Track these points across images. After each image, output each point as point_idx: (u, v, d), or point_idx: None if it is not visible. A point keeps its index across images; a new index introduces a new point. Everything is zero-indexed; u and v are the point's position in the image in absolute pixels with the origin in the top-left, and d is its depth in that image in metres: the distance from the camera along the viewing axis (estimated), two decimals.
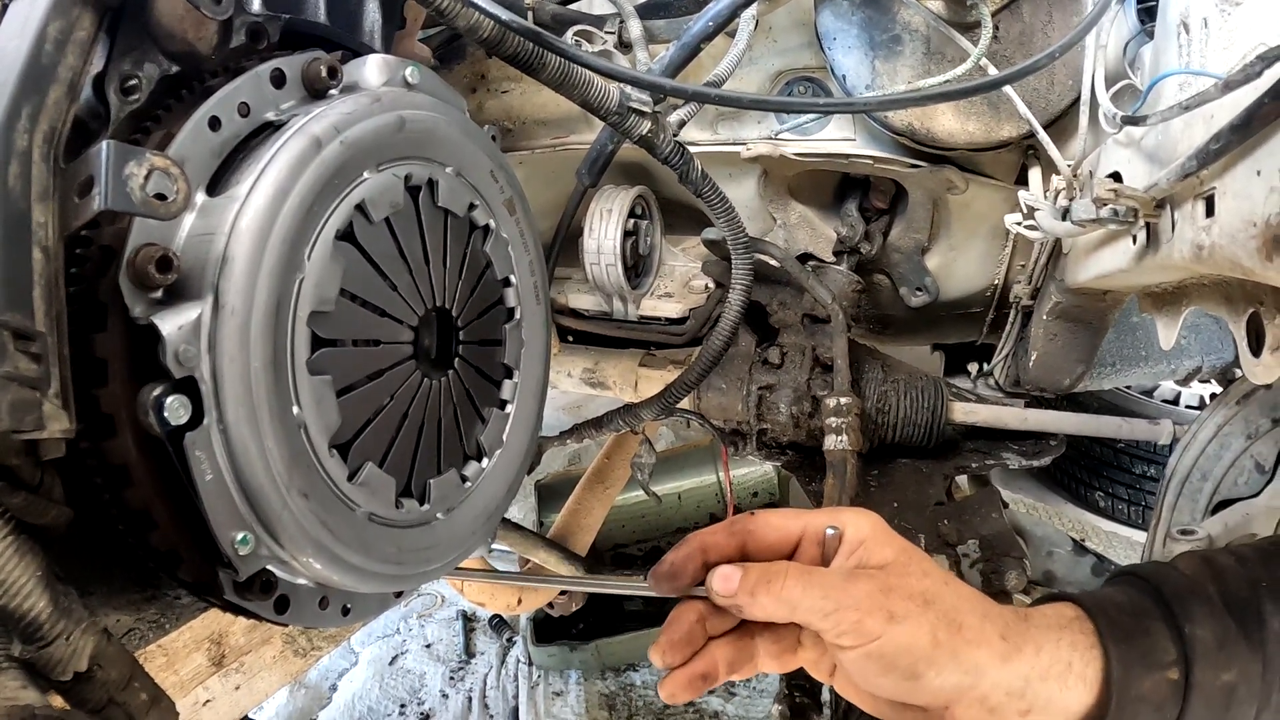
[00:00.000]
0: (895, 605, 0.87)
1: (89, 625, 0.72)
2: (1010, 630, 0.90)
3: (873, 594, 0.88)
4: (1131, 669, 0.90)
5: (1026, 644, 0.90)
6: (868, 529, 0.94)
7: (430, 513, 0.98)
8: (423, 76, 0.98)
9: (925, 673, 0.87)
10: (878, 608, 0.87)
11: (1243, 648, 0.91)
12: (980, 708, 0.89)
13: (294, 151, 0.80)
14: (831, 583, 0.89)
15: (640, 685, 3.34)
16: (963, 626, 0.89)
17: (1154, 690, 0.90)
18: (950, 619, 0.89)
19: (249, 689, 1.70)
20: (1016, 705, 0.90)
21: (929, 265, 1.97)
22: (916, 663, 0.87)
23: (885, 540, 0.94)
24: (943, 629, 0.88)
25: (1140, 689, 0.90)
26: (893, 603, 0.88)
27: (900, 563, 0.92)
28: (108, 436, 0.75)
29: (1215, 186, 0.94)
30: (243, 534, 0.78)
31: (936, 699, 0.89)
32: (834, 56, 1.60)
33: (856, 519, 0.95)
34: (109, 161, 0.68)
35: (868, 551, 0.93)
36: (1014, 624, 0.91)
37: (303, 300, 0.81)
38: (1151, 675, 0.90)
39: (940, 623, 0.88)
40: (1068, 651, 0.91)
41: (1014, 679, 0.89)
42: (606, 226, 1.82)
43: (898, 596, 0.88)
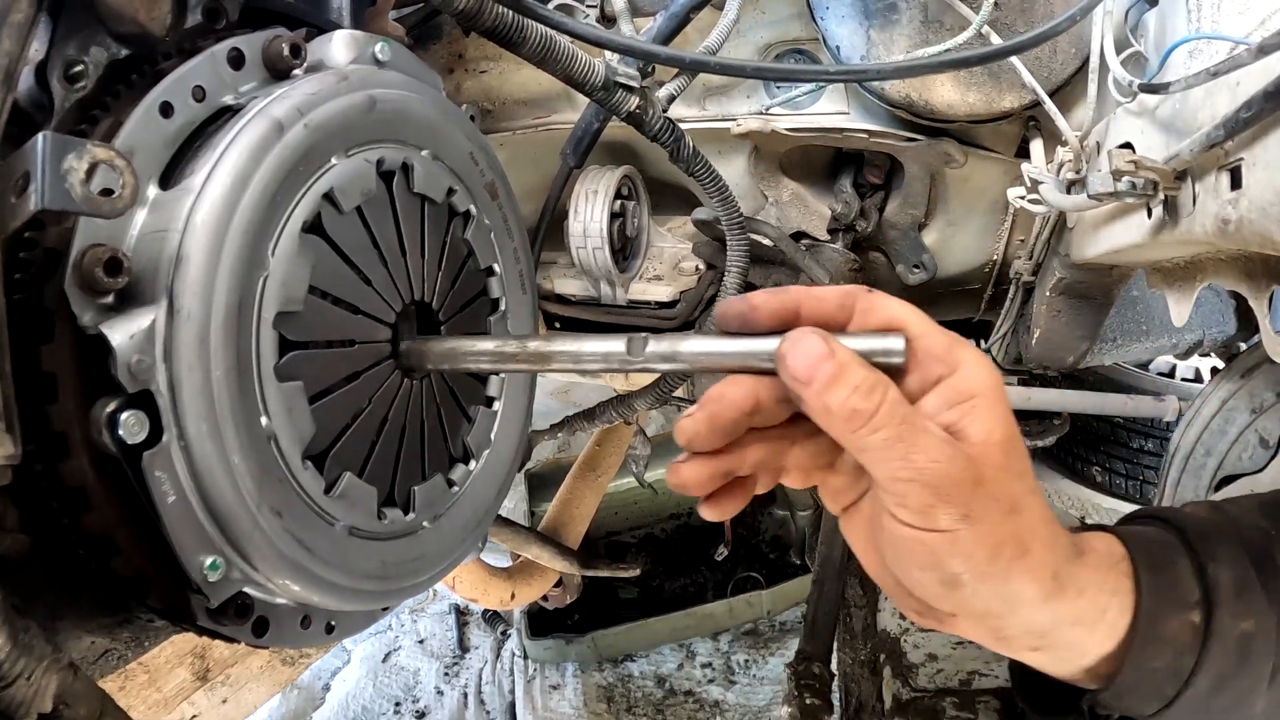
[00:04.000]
0: (977, 504, 0.74)
1: (52, 662, 0.68)
2: (1064, 568, 0.79)
3: (961, 484, 0.73)
4: (1160, 604, 0.82)
5: (1071, 586, 0.80)
6: (982, 385, 0.76)
7: (416, 522, 0.92)
8: (394, 53, 0.92)
9: (967, 585, 0.76)
10: (960, 500, 0.74)
11: (1259, 595, 0.84)
12: (990, 633, 0.81)
13: (253, 137, 0.74)
14: (924, 446, 0.73)
15: (638, 676, 3.31)
16: (1028, 552, 0.77)
17: (1177, 633, 0.82)
18: (1021, 540, 0.76)
19: (236, 702, 1.65)
20: (1030, 642, 0.82)
21: (926, 241, 1.93)
22: (965, 574, 0.76)
23: (997, 411, 0.76)
24: (1010, 547, 0.76)
25: (1165, 629, 0.82)
26: (977, 500, 0.74)
27: (1003, 451, 0.76)
28: (61, 457, 0.69)
29: (1243, 157, 0.89)
30: (212, 559, 0.72)
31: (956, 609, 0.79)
32: (827, 26, 1.55)
33: (976, 367, 0.77)
34: (45, 155, 0.62)
35: (975, 416, 0.76)
36: (1070, 560, 0.80)
37: (267, 300, 0.75)
38: (1178, 615, 0.82)
39: (1010, 540, 0.76)
40: (1108, 597, 0.81)
41: (1044, 620, 0.80)
42: (592, 209, 1.77)
43: (985, 495, 0.74)
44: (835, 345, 0.74)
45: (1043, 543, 0.77)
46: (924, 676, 1.55)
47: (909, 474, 0.73)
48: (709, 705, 3.19)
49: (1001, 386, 0.77)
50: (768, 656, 3.31)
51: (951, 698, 1.52)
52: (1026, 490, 0.77)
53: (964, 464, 0.73)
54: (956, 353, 0.76)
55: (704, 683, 3.27)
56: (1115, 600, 0.81)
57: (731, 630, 3.42)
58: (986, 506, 0.74)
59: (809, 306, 0.79)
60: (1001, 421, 0.76)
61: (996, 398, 0.76)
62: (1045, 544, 0.78)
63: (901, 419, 0.73)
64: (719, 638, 3.41)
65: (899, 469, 0.73)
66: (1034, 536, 0.77)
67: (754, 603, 3.36)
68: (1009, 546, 0.75)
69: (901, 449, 0.73)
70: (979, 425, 0.75)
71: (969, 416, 0.75)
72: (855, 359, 0.74)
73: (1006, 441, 0.75)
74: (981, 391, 0.75)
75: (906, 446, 0.73)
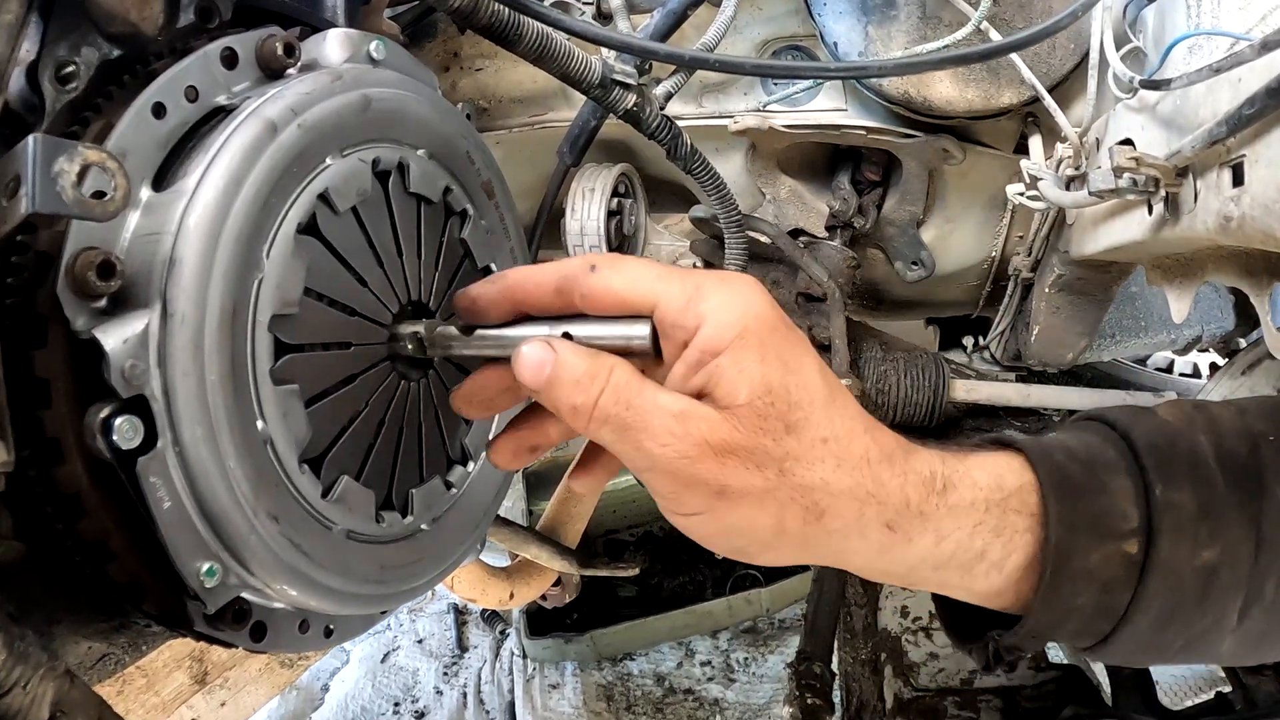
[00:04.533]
0: (731, 476, 0.67)
1: (48, 670, 0.67)
2: (905, 515, 0.71)
3: (702, 461, 0.66)
4: (1077, 537, 0.73)
5: (924, 534, 0.72)
6: (724, 339, 0.68)
7: (414, 525, 0.91)
8: (389, 51, 0.91)
9: (758, 556, 0.71)
10: (706, 478, 0.67)
11: (1233, 519, 0.74)
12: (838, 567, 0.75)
13: (247, 137, 0.73)
14: (652, 432, 0.67)
15: (638, 675, 3.30)
16: (826, 513, 0.69)
17: (1102, 566, 0.73)
18: (810, 500, 0.68)
19: (235, 704, 1.64)
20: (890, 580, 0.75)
21: (925, 238, 1.92)
22: (747, 546, 0.71)
23: (745, 365, 0.67)
24: (794, 513, 0.68)
25: (1084, 563, 0.73)
26: (728, 472, 0.67)
27: (755, 411, 0.67)
28: (55, 463, 0.68)
29: (1245, 154, 0.88)
30: (208, 564, 0.71)
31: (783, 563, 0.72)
32: (824, 23, 1.54)
33: (716, 321, 0.68)
34: (36, 157, 0.61)
35: (720, 376, 0.67)
36: (916, 503, 0.72)
37: (263, 303, 0.74)
38: (1102, 546, 0.73)
39: (792, 505, 0.68)
40: (985, 539, 0.73)
41: (894, 566, 0.73)
42: (589, 206, 1.76)
43: (737, 463, 0.67)
44: (557, 344, 0.71)
45: (847, 496, 0.70)
46: (925, 675, 1.55)
47: (646, 463, 0.69)
48: (709, 703, 3.18)
49: (755, 330, 0.68)
50: (767, 654, 3.31)
51: (953, 697, 1.52)
52: (809, 441, 0.69)
53: (700, 439, 0.67)
54: (696, 309, 0.69)
55: (703, 681, 3.27)
56: (999, 541, 0.74)
57: (731, 628, 3.41)
58: (744, 477, 0.67)
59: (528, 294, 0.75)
60: (749, 377, 0.67)
61: (744, 347, 0.68)
62: (851, 495, 0.70)
63: (626, 405, 0.68)
64: (718, 636, 3.40)
65: (635, 458, 0.69)
66: (827, 492, 0.69)
67: (753, 600, 3.35)
68: (792, 512, 0.69)
69: (631, 438, 0.68)
70: (724, 387, 0.68)
71: (714, 377, 0.68)
72: (576, 355, 0.70)
73: (759, 398, 0.67)
74: (725, 346, 0.68)
75: (635, 435, 0.68)
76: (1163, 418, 0.80)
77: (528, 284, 0.75)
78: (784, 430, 0.68)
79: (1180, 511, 0.74)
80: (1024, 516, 0.75)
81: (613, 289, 0.71)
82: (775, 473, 0.68)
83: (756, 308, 0.69)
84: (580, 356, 0.70)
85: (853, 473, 0.70)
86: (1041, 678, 1.55)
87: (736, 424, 0.67)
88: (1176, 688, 2.78)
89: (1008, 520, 0.74)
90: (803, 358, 0.71)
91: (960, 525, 0.73)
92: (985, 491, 0.75)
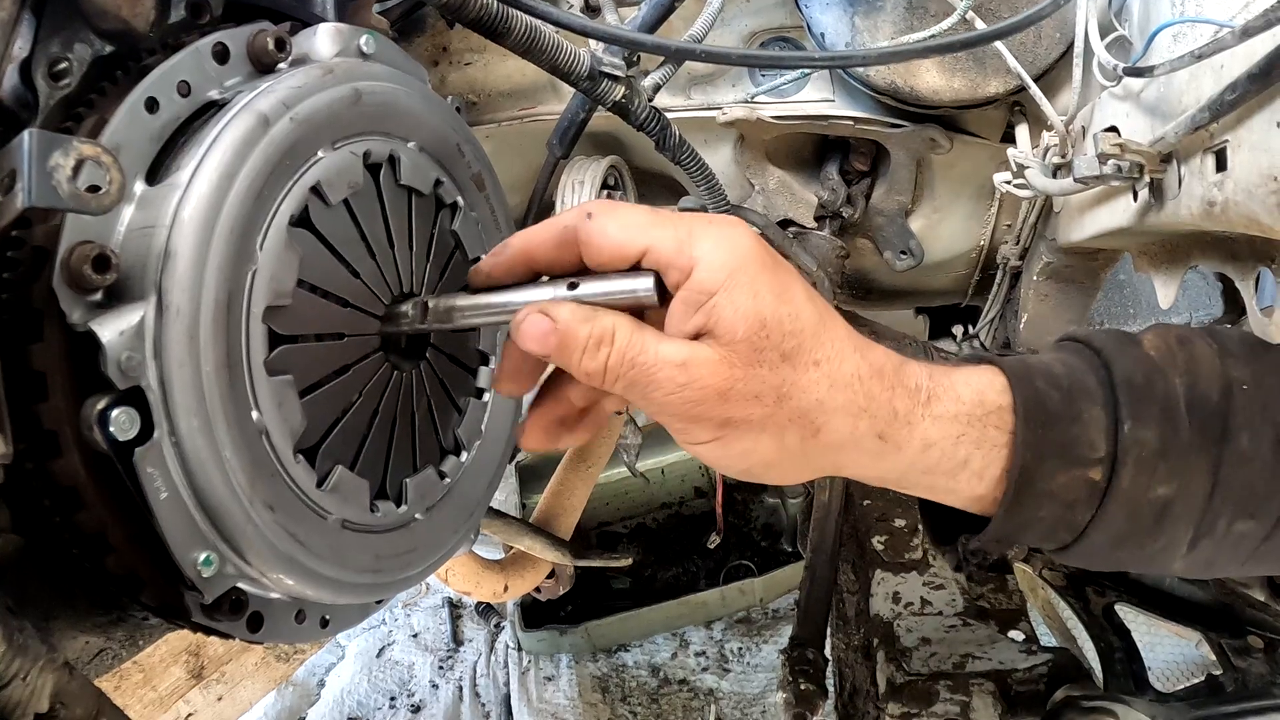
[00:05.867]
0: (733, 409, 0.72)
1: (47, 662, 0.67)
2: (894, 425, 0.76)
3: (705, 401, 0.72)
4: (1044, 462, 0.77)
5: (911, 442, 0.77)
6: (717, 280, 0.72)
7: (408, 514, 0.92)
8: (379, 45, 0.92)
9: (764, 475, 0.77)
10: (711, 414, 0.73)
11: (1192, 461, 0.78)
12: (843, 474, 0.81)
13: (239, 131, 0.73)
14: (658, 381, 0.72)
15: (633, 666, 3.31)
16: (822, 430, 0.74)
17: (1066, 488, 0.78)
18: (807, 420, 0.74)
19: (232, 699, 1.65)
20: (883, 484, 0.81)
21: (913, 227, 1.93)
22: (753, 468, 0.76)
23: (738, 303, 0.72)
24: (793, 433, 0.74)
25: (1050, 484, 0.78)
26: (730, 406, 0.72)
27: (751, 345, 0.72)
28: (53, 456, 0.69)
29: (1228, 139, 0.89)
30: (205, 554, 0.72)
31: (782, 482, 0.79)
32: (811, 14, 1.55)
33: (709, 262, 0.73)
34: (32, 153, 0.61)
35: (716, 315, 0.72)
36: (904, 414, 0.77)
37: (256, 295, 0.74)
38: (1069, 471, 0.78)
39: (791, 427, 0.74)
40: (967, 449, 0.78)
41: (884, 472, 0.79)
42: (579, 198, 1.76)
43: (739, 397, 0.72)
44: (556, 314, 0.75)
45: (841, 411, 0.75)
46: (918, 660, 1.56)
47: (656, 409, 0.74)
48: (703, 693, 3.19)
49: (746, 268, 0.73)
50: (761, 644, 3.32)
51: (946, 680, 1.53)
52: (804, 365, 0.74)
53: (702, 384, 0.72)
54: (688, 252, 0.73)
55: (698, 671, 3.28)
56: (979, 453, 0.79)
57: (724, 618, 3.42)
58: (745, 408, 0.73)
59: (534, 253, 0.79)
60: (744, 313, 0.72)
61: (736, 285, 0.72)
62: (845, 410, 0.75)
63: (631, 363, 0.73)
64: (712, 626, 3.41)
65: (646, 406, 0.75)
66: (823, 410, 0.74)
67: (746, 590, 3.36)
68: (791, 431, 0.74)
69: (639, 390, 0.74)
70: (722, 324, 0.72)
71: (712, 317, 0.72)
72: (575, 319, 0.74)
73: (754, 332, 0.72)
74: (719, 286, 0.72)
75: (643, 387, 0.73)
76: (1145, 350, 0.83)
77: (532, 243, 0.79)
78: (779, 359, 0.73)
79: (1143, 448, 0.78)
80: (1003, 433, 0.79)
81: (609, 234, 0.75)
82: (774, 400, 0.73)
83: (746, 246, 0.74)
84: (579, 319, 0.74)
85: (844, 390, 0.75)
86: (1033, 661, 1.56)
87: (735, 360, 0.72)
88: (1168, 670, 2.80)
89: (988, 435, 0.79)
90: (791, 287, 0.75)
91: (945, 434, 0.78)
92: (968, 406, 0.79)
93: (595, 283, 0.77)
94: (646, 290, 0.75)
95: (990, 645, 1.62)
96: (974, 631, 1.65)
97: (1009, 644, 1.64)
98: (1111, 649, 1.67)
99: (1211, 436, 0.79)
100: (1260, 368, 0.82)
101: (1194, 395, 0.80)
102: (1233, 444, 0.78)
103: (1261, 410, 0.79)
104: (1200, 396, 0.80)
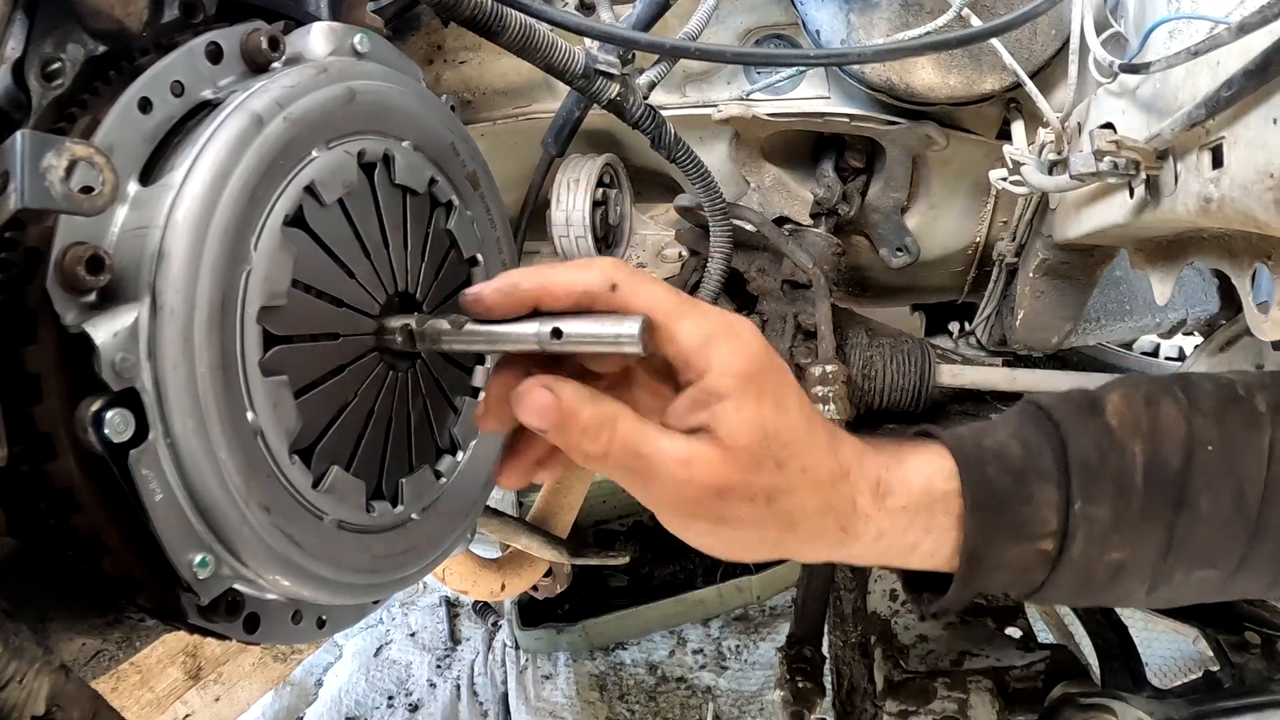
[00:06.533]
0: (728, 508, 0.76)
1: (44, 664, 0.67)
2: (854, 519, 0.81)
3: (703, 500, 0.75)
4: (994, 541, 0.83)
5: (866, 533, 0.82)
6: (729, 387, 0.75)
7: (404, 514, 0.92)
8: (373, 44, 0.91)
9: (738, 556, 0.83)
10: (706, 513, 0.76)
11: (1144, 529, 0.83)
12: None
13: (233, 131, 0.73)
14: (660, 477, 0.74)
15: (630, 664, 3.31)
16: (798, 524, 0.79)
17: (1018, 558, 0.84)
18: (788, 519, 0.78)
19: (229, 699, 1.64)
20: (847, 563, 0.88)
21: (909, 224, 1.93)
22: (733, 551, 0.81)
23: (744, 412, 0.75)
24: (774, 529, 0.79)
25: (1001, 557, 0.83)
26: (726, 506, 0.76)
27: (750, 453, 0.75)
28: (48, 458, 0.69)
29: (1224, 136, 0.89)
30: (201, 556, 0.72)
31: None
32: (806, 11, 1.54)
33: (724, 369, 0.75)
34: (25, 154, 0.61)
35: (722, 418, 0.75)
36: (862, 508, 0.81)
37: (251, 295, 0.74)
38: (1019, 545, 0.83)
39: (774, 524, 0.78)
40: (916, 536, 0.84)
41: (845, 557, 0.84)
42: (574, 197, 1.76)
43: (735, 498, 0.75)
44: (562, 391, 0.75)
45: (815, 512, 0.79)
46: (915, 658, 1.56)
47: (651, 499, 0.77)
48: (701, 691, 3.19)
49: (756, 378, 0.76)
50: (758, 642, 3.32)
51: (943, 678, 1.53)
52: (793, 473, 0.77)
53: (702, 484, 0.74)
54: (707, 355, 0.75)
55: (695, 669, 3.28)
56: (929, 538, 0.84)
57: (722, 616, 3.43)
58: (737, 508, 0.76)
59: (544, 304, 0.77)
60: (749, 423, 0.75)
61: (747, 394, 0.75)
62: (818, 511, 0.79)
63: (633, 453, 0.75)
64: (709, 624, 3.41)
65: (642, 495, 0.77)
66: (802, 511, 0.79)
67: (743, 588, 3.36)
68: (773, 528, 0.79)
69: (638, 480, 0.76)
70: (726, 428, 0.74)
71: (717, 418, 0.75)
72: (579, 402, 0.74)
73: (756, 442, 0.75)
74: (729, 393, 0.75)
75: (643, 478, 0.76)
76: (1106, 420, 0.87)
77: (545, 296, 0.77)
78: (775, 466, 0.76)
79: (1094, 524, 0.83)
80: (950, 517, 0.84)
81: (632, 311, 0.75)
82: (764, 502, 0.77)
83: (757, 356, 0.77)
84: (583, 402, 0.75)
85: (820, 493, 0.79)
86: (1031, 658, 1.56)
87: (735, 463, 0.75)
88: (1165, 667, 2.80)
89: (935, 520, 0.84)
90: (789, 397, 0.79)
91: (895, 524, 0.83)
92: (917, 496, 0.84)
93: (580, 323, 0.75)
94: (631, 337, 0.72)
95: (988, 642, 1.62)
96: (971, 629, 1.65)
97: (1006, 641, 1.64)
98: (1109, 646, 1.67)
99: (1168, 503, 0.83)
100: (1228, 424, 0.86)
101: (1154, 463, 0.84)
102: (1189, 509, 0.83)
103: (1225, 469, 0.84)
104: (1160, 464, 0.84)
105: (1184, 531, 0.83)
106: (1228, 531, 0.84)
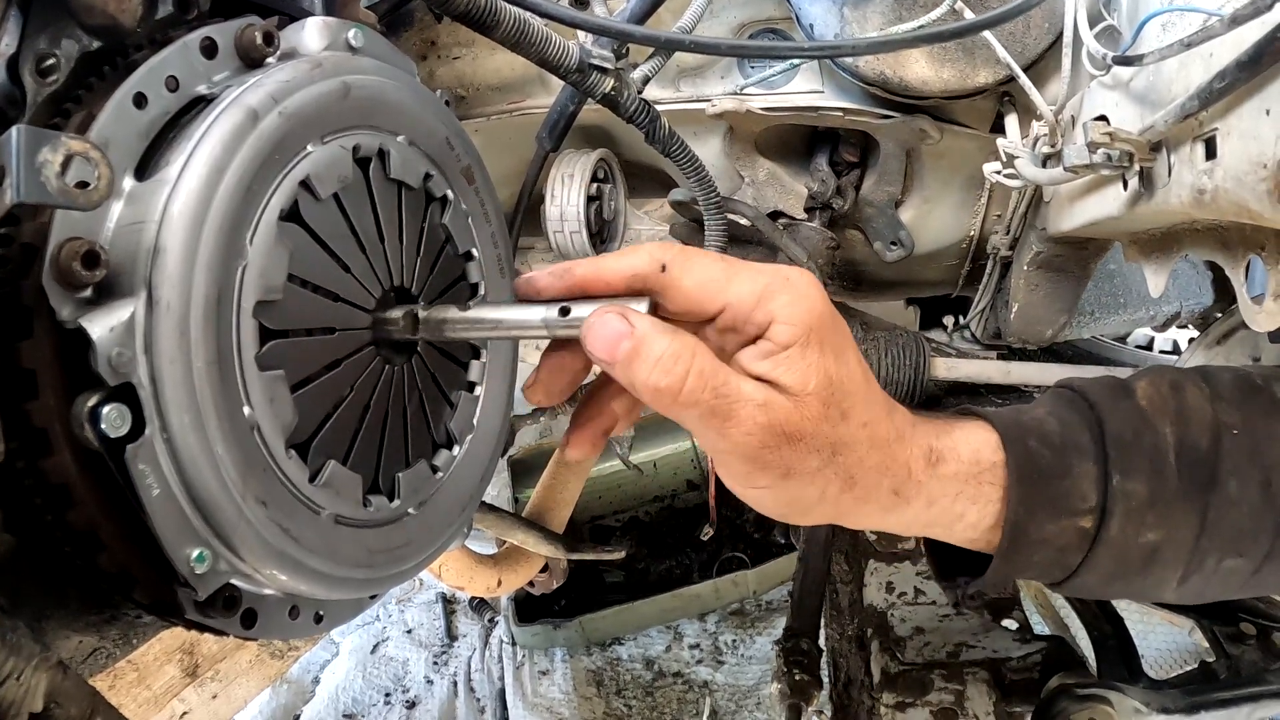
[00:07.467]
0: (796, 460, 0.76)
1: (41, 661, 0.67)
2: (907, 483, 0.82)
3: (778, 447, 0.74)
4: (1035, 515, 0.84)
5: (917, 498, 0.83)
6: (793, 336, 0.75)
7: (401, 508, 0.92)
8: (367, 39, 0.91)
9: (796, 518, 0.82)
10: (777, 462, 0.75)
11: (1179, 509, 0.84)
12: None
13: (228, 126, 0.73)
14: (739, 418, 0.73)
15: (627, 659, 3.32)
16: (856, 482, 0.79)
17: (1058, 535, 0.85)
18: (848, 474, 0.78)
19: (227, 697, 1.64)
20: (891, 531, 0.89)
21: (903, 218, 1.93)
22: (791, 510, 0.81)
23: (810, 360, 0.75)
24: (834, 484, 0.78)
25: (1041, 533, 0.84)
26: (795, 456, 0.75)
27: (820, 400, 0.75)
28: (44, 454, 0.68)
29: (1217, 127, 0.89)
30: (198, 550, 0.72)
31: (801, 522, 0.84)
32: (800, 4, 1.54)
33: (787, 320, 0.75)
34: (20, 149, 0.61)
35: (789, 367, 0.75)
36: (916, 474, 0.82)
37: (247, 290, 0.74)
38: (1059, 521, 0.85)
39: (835, 479, 0.78)
40: (964, 505, 0.85)
41: (894, 523, 0.85)
42: (569, 192, 1.76)
43: (803, 449, 0.75)
44: (634, 318, 0.73)
45: (874, 468, 0.80)
46: (912, 650, 1.56)
47: (726, 445, 0.75)
48: (698, 686, 3.20)
49: (820, 327, 0.76)
50: (755, 636, 3.33)
51: (940, 670, 1.53)
52: (855, 425, 0.78)
53: (779, 428, 0.74)
54: (766, 308, 0.75)
55: (692, 664, 3.29)
56: (975, 507, 0.85)
57: (718, 611, 3.43)
58: (805, 460, 0.76)
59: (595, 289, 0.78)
60: (816, 370, 0.75)
61: (810, 343, 0.75)
62: (878, 467, 0.80)
63: (713, 391, 0.73)
64: (706, 618, 3.42)
65: (716, 442, 0.75)
66: (864, 466, 0.79)
67: (740, 583, 3.37)
68: (834, 483, 0.78)
69: (716, 424, 0.74)
70: (793, 377, 0.75)
71: (783, 367, 0.75)
72: (657, 331, 0.73)
73: (823, 389, 0.75)
74: (794, 341, 0.75)
75: (721, 421, 0.73)
76: (1138, 401, 0.89)
77: (596, 283, 0.78)
78: (840, 416, 0.77)
79: (1131, 499, 0.84)
80: (996, 488, 0.86)
81: (685, 290, 0.77)
82: (829, 454, 0.77)
83: (819, 305, 0.77)
84: (661, 333, 0.73)
85: (879, 451, 0.80)
86: (1027, 649, 1.57)
87: (805, 411, 0.75)
88: (1161, 658, 2.81)
89: (982, 491, 0.85)
90: (848, 350, 0.79)
91: (946, 492, 0.84)
92: (966, 465, 0.85)
93: (589, 304, 0.76)
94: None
95: (984, 634, 1.62)
96: (968, 620, 1.65)
97: (1003, 633, 1.64)
98: (1105, 637, 1.68)
99: (1199, 484, 0.84)
100: (1250, 411, 0.88)
101: (1184, 444, 0.86)
102: (1220, 491, 0.84)
103: (1250, 455, 0.85)
104: (1190, 445, 0.85)
105: (1216, 513, 0.84)
106: (1256, 518, 0.85)
